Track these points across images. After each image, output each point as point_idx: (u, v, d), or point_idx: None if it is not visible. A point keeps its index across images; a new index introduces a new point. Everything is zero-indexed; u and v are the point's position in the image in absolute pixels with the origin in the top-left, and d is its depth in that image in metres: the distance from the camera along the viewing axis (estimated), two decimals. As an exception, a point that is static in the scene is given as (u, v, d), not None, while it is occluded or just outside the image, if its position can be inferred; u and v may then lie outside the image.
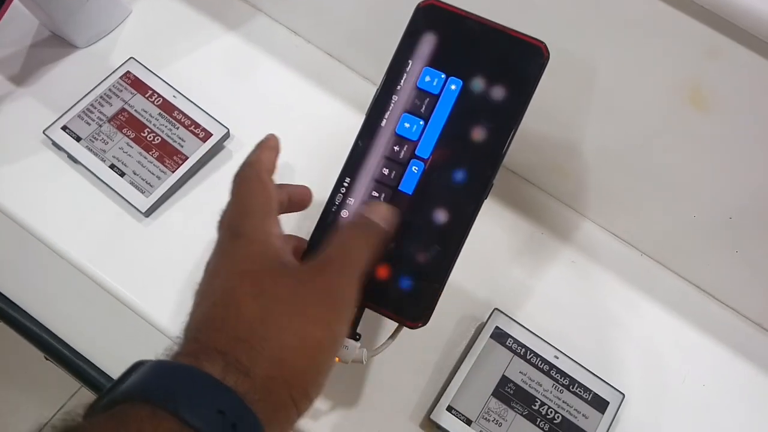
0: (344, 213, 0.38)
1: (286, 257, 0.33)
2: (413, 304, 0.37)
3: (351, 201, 0.38)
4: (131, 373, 0.28)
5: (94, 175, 0.49)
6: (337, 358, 0.38)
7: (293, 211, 0.40)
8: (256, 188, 0.35)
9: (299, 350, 0.30)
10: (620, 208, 0.52)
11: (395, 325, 0.38)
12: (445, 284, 0.37)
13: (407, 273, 0.37)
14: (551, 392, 0.45)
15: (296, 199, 0.40)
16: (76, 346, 0.55)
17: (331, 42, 0.58)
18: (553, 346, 0.47)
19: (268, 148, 0.38)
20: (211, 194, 0.51)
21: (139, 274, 0.47)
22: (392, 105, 0.38)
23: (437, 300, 0.37)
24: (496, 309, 0.47)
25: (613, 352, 0.49)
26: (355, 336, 0.39)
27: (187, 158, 0.50)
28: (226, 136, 0.52)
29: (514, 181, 0.55)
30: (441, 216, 0.37)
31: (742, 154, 0.43)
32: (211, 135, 0.51)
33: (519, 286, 0.51)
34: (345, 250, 0.34)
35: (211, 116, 0.52)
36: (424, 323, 0.37)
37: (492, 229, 0.52)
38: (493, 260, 0.52)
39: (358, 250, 0.34)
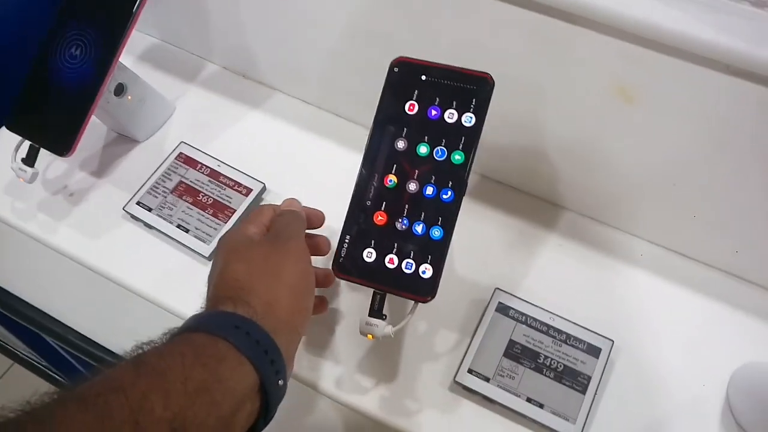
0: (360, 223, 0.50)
1: (254, 238, 0.49)
2: (422, 284, 0.48)
3: (363, 211, 0.50)
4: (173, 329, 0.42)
5: (166, 234, 0.62)
6: (370, 336, 0.50)
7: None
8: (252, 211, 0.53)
9: (281, 286, 0.45)
10: (588, 194, 0.63)
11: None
12: (443, 264, 0.48)
13: (416, 262, 0.48)
14: (552, 347, 0.55)
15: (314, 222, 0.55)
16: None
17: (336, 105, 0.72)
18: (549, 311, 0.57)
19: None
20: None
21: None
22: (384, 136, 0.51)
23: (439, 278, 0.48)
24: (497, 288, 0.58)
25: (601, 309, 0.58)
26: (382, 317, 0.50)
27: (235, 211, 0.63)
28: (263, 189, 0.65)
29: (500, 188, 0.67)
30: (432, 214, 0.49)
31: (671, 132, 0.54)
32: (252, 190, 0.64)
33: (516, 270, 0.61)
34: (285, 226, 0.49)
35: (249, 176, 0.65)
36: (433, 297, 0.48)
37: (487, 229, 0.64)
38: (491, 254, 0.62)
39: (293, 225, 0.50)
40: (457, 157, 0.49)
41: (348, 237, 0.50)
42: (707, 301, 0.59)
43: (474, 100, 0.49)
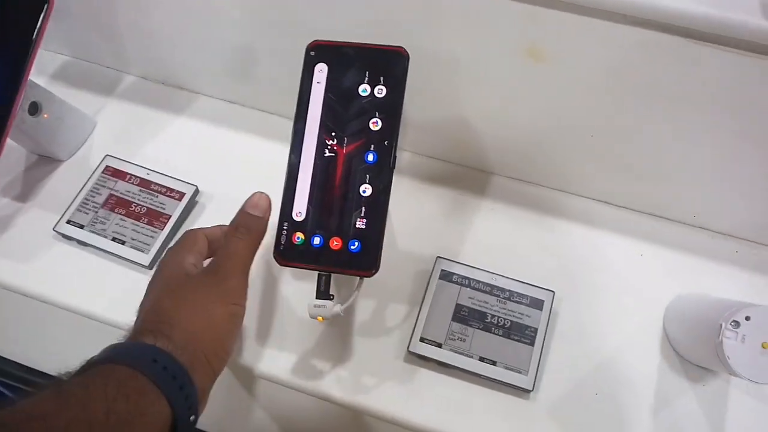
0: (296, 207, 0.50)
1: (191, 271, 0.48)
2: (364, 259, 0.49)
3: (298, 196, 0.50)
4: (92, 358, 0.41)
5: (102, 249, 0.61)
6: (320, 318, 0.50)
7: None
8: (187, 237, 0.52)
9: (205, 324, 0.44)
10: (513, 156, 0.65)
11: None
12: (383, 237, 0.49)
13: (354, 238, 0.49)
14: (497, 306, 0.57)
15: None
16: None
17: (258, 100, 0.72)
18: (490, 272, 0.58)
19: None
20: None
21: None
22: (308, 120, 0.51)
23: (381, 251, 0.49)
24: (438, 257, 0.59)
25: (538, 263, 0.61)
26: (329, 297, 0.50)
27: (170, 216, 0.62)
28: (196, 191, 0.64)
29: (430, 162, 0.68)
30: (366, 189, 0.50)
31: (581, 86, 0.57)
32: (184, 194, 0.64)
33: (454, 238, 0.63)
34: (230, 255, 0.48)
35: (180, 180, 0.64)
36: (376, 270, 0.49)
37: (422, 202, 0.65)
38: (430, 225, 0.64)
39: (240, 254, 0.48)
40: (384, 132, 0.50)
41: (285, 224, 0.50)
42: (636, 243, 0.63)
43: (392, 73, 0.51)
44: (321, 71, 0.52)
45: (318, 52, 0.52)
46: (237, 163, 0.68)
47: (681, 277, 0.60)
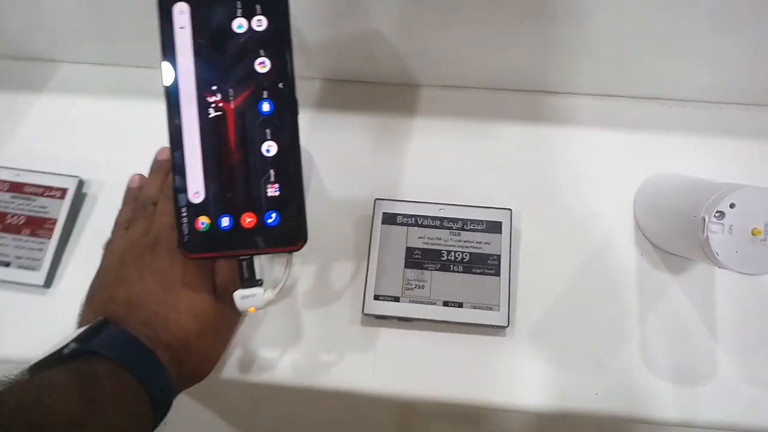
0: (191, 186, 0.41)
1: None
2: (288, 232, 0.41)
3: (190, 174, 0.41)
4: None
5: (-17, 279, 0.51)
6: (252, 309, 0.43)
7: None
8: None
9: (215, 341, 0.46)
10: (437, 59, 0.56)
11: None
12: (304, 199, 0.41)
13: (269, 209, 0.41)
14: (451, 240, 0.50)
15: None
16: None
17: (128, 55, 0.60)
18: (436, 203, 0.51)
19: None
20: (96, 238, 0.53)
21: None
22: (180, 77, 0.41)
23: (305, 217, 0.41)
24: (377, 199, 0.52)
25: (489, 180, 0.53)
26: (256, 283, 0.42)
27: (56, 220, 0.52)
28: (81, 183, 0.54)
29: (347, 87, 0.59)
30: (269, 147, 0.41)
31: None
32: (66, 189, 0.53)
33: (392, 171, 0.55)
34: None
35: (58, 174, 0.54)
36: (305, 240, 0.41)
37: (347, 136, 0.56)
38: (361, 162, 0.55)
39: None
40: (275, 72, 0.41)
41: (184, 209, 0.41)
42: (590, 131, 0.55)
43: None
44: (182, 13, 0.41)
45: (171, -11, 0.41)
46: (123, 135, 0.57)
47: (646, 160, 0.54)
